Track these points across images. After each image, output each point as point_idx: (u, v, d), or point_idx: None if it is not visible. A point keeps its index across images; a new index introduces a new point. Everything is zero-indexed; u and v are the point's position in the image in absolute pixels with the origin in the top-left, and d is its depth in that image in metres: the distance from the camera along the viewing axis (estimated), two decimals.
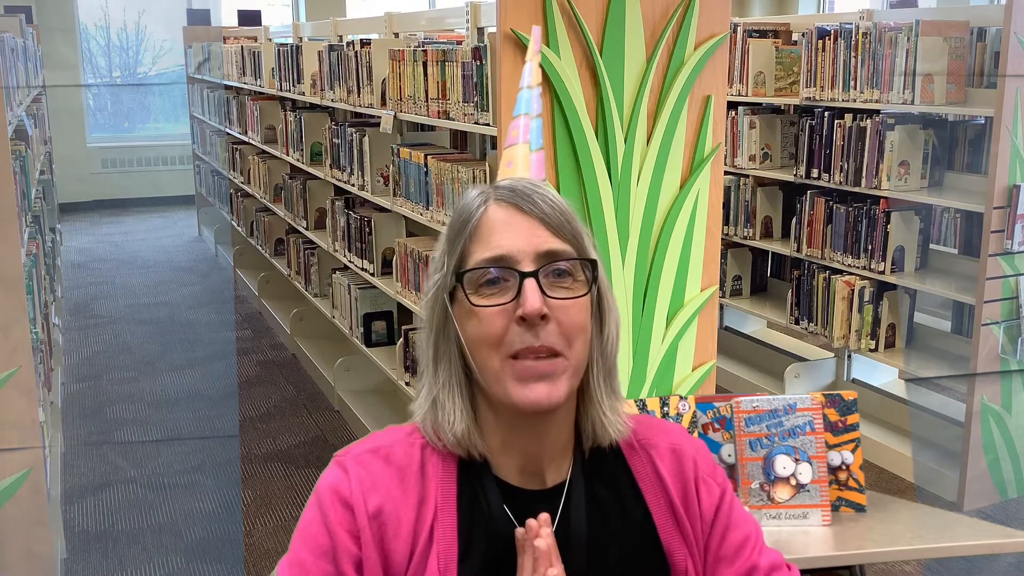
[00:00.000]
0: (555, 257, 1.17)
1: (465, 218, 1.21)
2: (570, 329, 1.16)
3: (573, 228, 1.20)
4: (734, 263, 5.03)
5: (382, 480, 1.21)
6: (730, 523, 1.28)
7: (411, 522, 1.19)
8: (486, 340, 1.16)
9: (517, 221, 1.18)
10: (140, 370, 5.45)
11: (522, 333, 1.15)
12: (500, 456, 1.23)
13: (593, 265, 1.20)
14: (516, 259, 1.16)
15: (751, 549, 1.28)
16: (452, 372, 1.21)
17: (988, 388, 3.66)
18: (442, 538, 1.19)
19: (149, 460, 4.26)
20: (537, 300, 1.14)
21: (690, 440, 1.33)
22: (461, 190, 3.25)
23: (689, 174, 2.72)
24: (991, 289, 3.58)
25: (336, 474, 1.22)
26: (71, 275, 7.70)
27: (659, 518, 1.26)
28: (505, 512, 1.21)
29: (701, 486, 1.28)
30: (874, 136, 4.01)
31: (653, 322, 2.73)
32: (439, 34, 4.44)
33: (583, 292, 1.18)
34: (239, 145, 6.98)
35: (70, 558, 3.43)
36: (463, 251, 1.19)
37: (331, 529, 1.19)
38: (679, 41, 2.65)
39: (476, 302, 1.17)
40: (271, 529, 3.62)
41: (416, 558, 1.18)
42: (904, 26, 3.84)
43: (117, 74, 11.73)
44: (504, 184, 1.23)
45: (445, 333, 1.21)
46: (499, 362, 1.16)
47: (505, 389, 1.16)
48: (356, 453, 1.23)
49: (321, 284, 5.25)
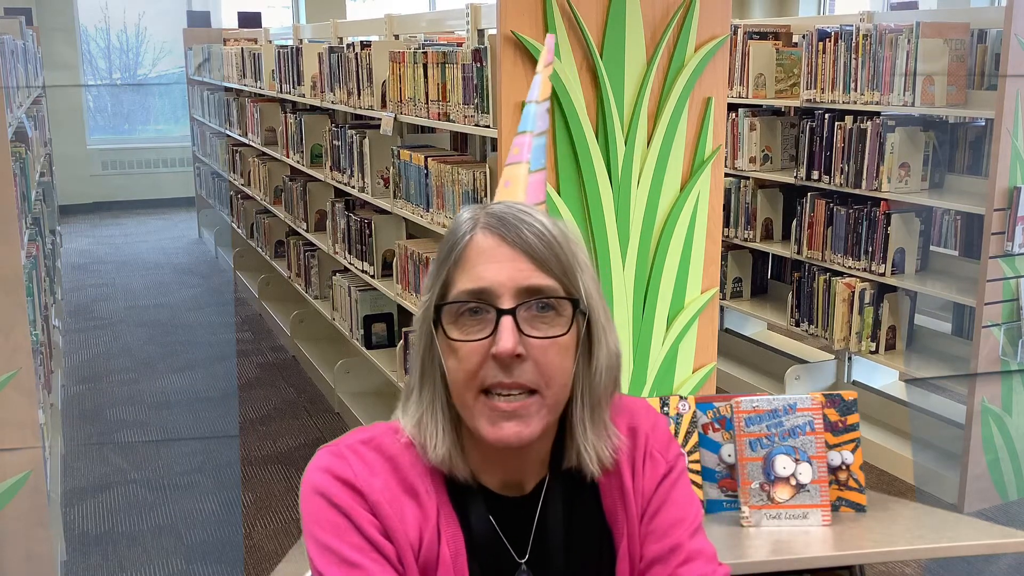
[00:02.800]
0: (537, 293, 1.15)
1: (452, 244, 1.19)
2: (547, 369, 1.15)
3: (561, 262, 1.16)
4: (734, 265, 5.03)
5: (379, 468, 1.20)
6: (668, 500, 1.27)
7: (414, 509, 1.19)
8: (460, 375, 1.15)
9: (501, 252, 1.15)
10: (140, 372, 5.45)
11: (496, 370, 1.14)
12: (482, 468, 1.23)
13: (575, 304, 1.17)
14: (496, 293, 1.14)
15: (682, 530, 1.26)
16: (436, 395, 1.21)
17: (988, 390, 3.66)
18: (447, 529, 1.20)
19: (149, 462, 4.26)
20: (510, 341, 1.12)
21: (648, 417, 1.32)
22: (461, 192, 3.25)
23: (689, 176, 2.72)
24: (992, 291, 3.58)
25: (333, 462, 1.20)
26: (71, 277, 7.70)
27: (605, 495, 1.27)
28: (491, 523, 1.22)
29: (647, 461, 1.28)
30: (874, 138, 4.01)
31: (653, 324, 2.73)
32: (439, 36, 4.44)
33: (563, 331, 1.15)
34: (239, 147, 6.98)
35: (70, 560, 3.43)
36: (447, 279, 1.18)
37: (344, 508, 1.17)
38: (679, 43, 2.65)
39: (453, 336, 1.15)
40: (271, 531, 3.62)
41: (427, 545, 1.18)
42: (904, 28, 3.84)
43: (117, 76, 11.73)
44: (494, 210, 1.19)
45: (430, 356, 1.20)
46: (472, 397, 1.15)
47: (476, 425, 1.16)
48: (348, 443, 1.23)
49: (321, 286, 5.25)
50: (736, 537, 1.95)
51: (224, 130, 7.47)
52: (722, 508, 2.06)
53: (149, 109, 12.10)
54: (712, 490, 2.06)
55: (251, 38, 7.41)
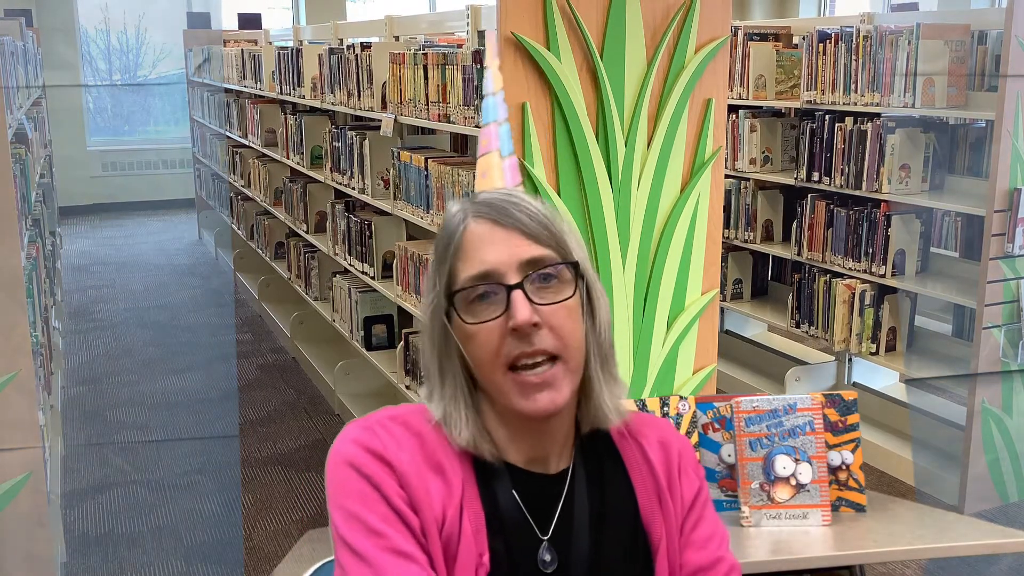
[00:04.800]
0: (538, 264, 1.21)
1: (448, 237, 1.25)
2: (563, 332, 1.21)
3: (552, 233, 1.24)
4: (735, 267, 5.03)
5: (406, 442, 1.24)
6: (703, 516, 1.36)
7: (439, 484, 1.23)
8: (485, 356, 1.21)
9: (497, 235, 1.22)
10: (140, 373, 5.45)
11: (517, 342, 1.19)
12: (508, 446, 1.27)
13: (575, 266, 1.23)
14: (501, 272, 1.21)
15: (718, 544, 1.35)
16: (457, 386, 1.26)
17: (988, 391, 3.66)
18: (470, 504, 1.23)
19: (149, 463, 4.26)
20: (526, 311, 1.19)
21: (677, 436, 1.41)
22: (462, 193, 3.25)
23: (690, 177, 2.72)
24: (992, 292, 3.58)
25: (363, 434, 1.23)
26: (71, 278, 7.70)
27: (642, 498, 1.33)
28: (514, 497, 1.26)
29: (683, 475, 1.36)
30: (875, 139, 4.02)
31: (654, 326, 2.73)
32: (439, 37, 4.44)
33: (570, 294, 1.22)
34: (239, 148, 6.99)
35: (70, 561, 3.43)
36: (450, 270, 1.24)
37: (372, 478, 1.20)
38: (680, 44, 2.65)
39: (469, 320, 1.21)
40: (271, 533, 3.62)
41: (450, 520, 1.21)
42: (905, 29, 3.84)
43: (117, 77, 11.73)
44: (481, 199, 1.27)
45: (447, 351, 1.26)
46: (501, 376, 1.21)
47: (510, 401, 1.22)
48: (376, 418, 1.27)
49: (321, 287, 5.25)
50: (736, 537, 1.95)
51: (224, 131, 7.47)
52: (722, 508, 2.06)
53: (149, 110, 12.11)
54: (712, 490, 2.05)
55: (251, 39, 7.42)
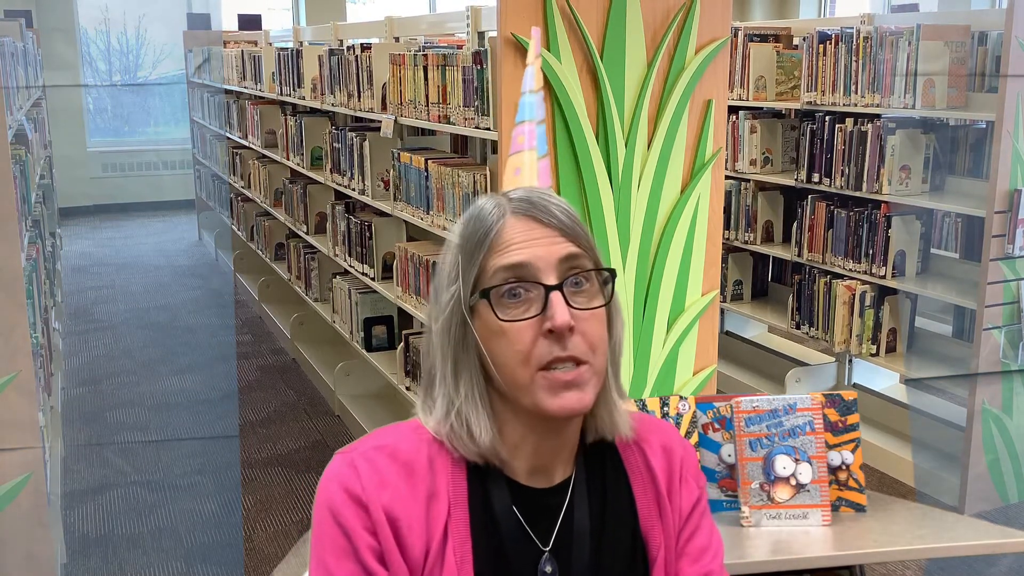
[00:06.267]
0: (575, 263, 1.20)
1: (484, 231, 1.21)
2: (593, 339, 1.19)
3: (587, 235, 1.23)
4: (735, 267, 5.03)
5: (390, 477, 1.21)
6: (699, 526, 1.35)
7: (422, 518, 1.20)
8: (514, 355, 1.18)
9: (536, 232, 1.20)
10: (140, 374, 5.45)
11: (550, 345, 1.17)
12: (511, 457, 1.25)
13: (612, 275, 1.23)
14: (538, 267, 1.18)
15: (711, 557, 1.34)
16: (473, 383, 1.22)
17: (989, 391, 3.66)
18: (456, 533, 1.21)
19: (149, 464, 4.26)
20: (566, 314, 1.17)
21: (681, 441, 1.38)
22: (462, 194, 3.25)
23: (690, 178, 2.72)
24: (992, 293, 3.58)
25: (344, 472, 1.22)
26: (71, 279, 7.70)
27: (643, 506, 1.31)
28: (514, 513, 1.24)
29: (683, 484, 1.34)
30: (875, 140, 4.02)
31: (654, 327, 2.73)
32: (439, 38, 4.44)
33: (602, 303, 1.22)
34: (239, 149, 6.99)
35: (70, 562, 3.42)
36: (482, 265, 1.20)
37: (347, 528, 1.19)
38: (680, 45, 2.65)
39: (503, 317, 1.18)
40: (271, 534, 3.62)
41: (432, 554, 1.20)
42: (905, 30, 3.84)
43: (117, 78, 11.73)
44: (518, 195, 1.23)
45: (464, 346, 1.22)
46: (528, 375, 1.18)
47: (535, 400, 1.18)
48: (362, 451, 1.24)
49: (321, 288, 5.25)
50: (736, 537, 1.95)
51: (224, 132, 7.48)
52: (722, 508, 2.06)
53: (149, 111, 12.11)
54: (712, 490, 2.06)
55: (251, 40, 7.42)
